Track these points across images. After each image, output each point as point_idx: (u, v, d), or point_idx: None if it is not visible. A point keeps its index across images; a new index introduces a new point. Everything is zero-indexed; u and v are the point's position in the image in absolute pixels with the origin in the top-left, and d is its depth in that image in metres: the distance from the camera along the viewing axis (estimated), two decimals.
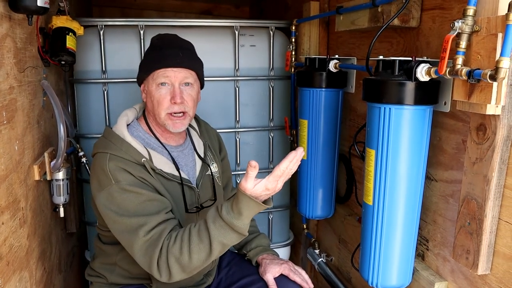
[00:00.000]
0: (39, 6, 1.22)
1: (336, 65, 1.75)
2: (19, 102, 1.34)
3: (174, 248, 1.26)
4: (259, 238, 1.71)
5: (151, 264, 1.28)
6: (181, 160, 1.52)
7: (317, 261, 2.18)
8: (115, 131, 1.42)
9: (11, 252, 1.22)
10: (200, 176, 1.56)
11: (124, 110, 1.51)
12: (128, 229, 1.30)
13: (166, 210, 1.36)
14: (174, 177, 1.46)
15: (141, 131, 1.48)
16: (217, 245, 1.25)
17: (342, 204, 2.01)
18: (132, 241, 1.30)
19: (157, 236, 1.29)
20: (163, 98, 1.41)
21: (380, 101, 1.24)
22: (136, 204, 1.31)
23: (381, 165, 1.28)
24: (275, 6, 2.92)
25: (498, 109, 1.03)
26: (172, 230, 1.32)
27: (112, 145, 1.38)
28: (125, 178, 1.33)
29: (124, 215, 1.31)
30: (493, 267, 1.14)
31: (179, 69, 1.42)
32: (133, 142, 1.40)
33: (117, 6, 3.31)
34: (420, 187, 1.31)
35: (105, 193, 1.32)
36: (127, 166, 1.35)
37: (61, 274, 1.83)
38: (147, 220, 1.30)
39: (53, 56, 1.62)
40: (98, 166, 1.36)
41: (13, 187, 1.26)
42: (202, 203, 1.55)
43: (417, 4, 1.39)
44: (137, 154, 1.38)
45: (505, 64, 0.93)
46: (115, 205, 1.31)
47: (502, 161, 1.07)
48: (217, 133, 1.78)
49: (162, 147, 1.48)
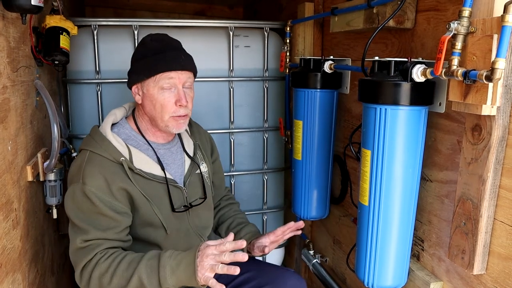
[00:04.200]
0: (33, 5, 1.21)
1: (331, 66, 1.75)
2: (12, 102, 1.32)
3: (103, 264, 1.30)
4: (247, 227, 1.71)
5: (76, 268, 1.33)
6: (167, 158, 1.51)
7: (312, 262, 2.18)
8: (100, 130, 1.44)
9: (4, 254, 1.20)
10: (188, 174, 1.55)
11: (113, 109, 1.52)
12: (74, 229, 1.35)
13: (116, 229, 1.35)
14: (155, 177, 1.45)
15: (127, 128, 1.48)
16: (135, 281, 1.27)
17: (337, 205, 2.02)
18: (72, 241, 1.35)
19: (91, 247, 1.32)
20: (167, 102, 1.40)
21: (375, 102, 1.25)
22: (89, 212, 1.34)
23: (376, 166, 1.28)
24: (269, 7, 2.92)
25: (493, 110, 1.04)
26: (111, 248, 1.34)
27: (94, 142, 1.41)
28: (92, 183, 1.33)
29: (76, 214, 1.34)
30: (489, 267, 1.15)
31: (181, 72, 1.42)
32: (114, 140, 1.41)
33: (110, 6, 3.28)
34: (415, 187, 1.32)
35: (71, 188, 1.36)
36: (103, 167, 1.36)
37: (54, 276, 1.81)
38: (91, 231, 1.32)
39: (47, 56, 1.60)
40: (77, 162, 1.41)
41: (6, 188, 1.25)
42: (191, 202, 1.54)
43: (412, 5, 1.39)
44: (116, 153, 1.39)
45: (500, 65, 0.94)
46: (74, 203, 1.35)
47: (497, 161, 1.08)
48: (209, 136, 1.78)
49: (148, 145, 1.47)
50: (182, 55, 1.44)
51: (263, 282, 1.57)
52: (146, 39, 1.47)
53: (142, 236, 1.45)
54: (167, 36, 1.50)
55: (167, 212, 1.47)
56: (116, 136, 1.43)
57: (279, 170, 2.36)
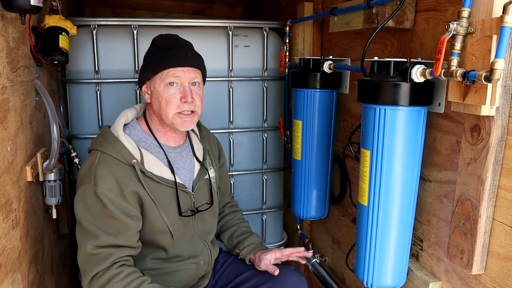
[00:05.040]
0: (32, 5, 1.21)
1: (330, 66, 1.75)
2: (12, 102, 1.32)
3: (117, 285, 1.29)
4: (251, 237, 1.71)
5: (85, 276, 1.33)
6: (177, 162, 1.51)
7: (311, 261, 2.18)
8: (112, 130, 1.42)
9: (3, 254, 1.20)
10: (197, 179, 1.55)
11: (124, 110, 1.50)
12: (83, 232, 1.33)
13: (127, 234, 1.34)
14: (165, 180, 1.44)
15: (139, 130, 1.47)
16: None
17: (336, 204, 2.02)
18: (81, 245, 1.34)
19: (103, 256, 1.31)
20: (172, 98, 1.40)
21: (375, 102, 1.25)
22: (99, 215, 1.32)
23: (376, 166, 1.28)
24: (269, 6, 2.92)
25: (492, 110, 1.04)
26: (126, 263, 1.34)
27: (105, 143, 1.39)
28: (104, 185, 1.32)
29: (87, 218, 1.32)
30: (487, 267, 1.15)
31: (188, 69, 1.42)
32: (126, 142, 1.39)
33: (109, 6, 3.28)
34: (414, 187, 1.32)
35: (82, 189, 1.34)
36: (115, 169, 1.35)
37: (54, 276, 1.81)
38: (101, 235, 1.31)
39: (46, 56, 1.60)
40: (87, 162, 1.39)
41: (6, 188, 1.25)
42: (198, 207, 1.54)
43: (412, 5, 1.40)
44: (128, 155, 1.38)
45: (499, 65, 0.94)
46: (85, 204, 1.33)
47: (496, 161, 1.08)
48: (217, 141, 1.78)
49: (159, 148, 1.47)
50: (189, 52, 1.45)
51: (263, 280, 1.57)
52: (156, 39, 1.48)
53: (148, 240, 1.45)
54: (177, 36, 1.50)
55: (174, 216, 1.46)
56: (128, 137, 1.42)
57: (279, 170, 2.36)
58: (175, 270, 1.51)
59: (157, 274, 1.48)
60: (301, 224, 2.36)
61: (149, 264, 1.48)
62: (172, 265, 1.51)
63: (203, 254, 1.57)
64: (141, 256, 1.45)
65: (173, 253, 1.49)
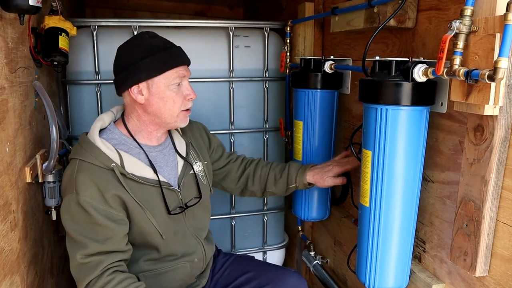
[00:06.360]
0: (31, 5, 1.20)
1: (331, 66, 1.74)
2: (11, 103, 1.31)
3: None
4: (291, 166, 1.72)
5: (79, 285, 1.32)
6: (159, 161, 1.49)
7: (313, 263, 2.17)
8: (88, 137, 1.41)
9: (1, 256, 1.19)
10: (182, 175, 1.54)
11: (100, 115, 1.50)
12: (72, 243, 1.34)
13: (114, 239, 1.34)
14: (148, 180, 1.43)
15: (117, 133, 1.45)
16: None
17: (338, 206, 2.01)
18: (71, 255, 1.34)
19: (93, 264, 1.30)
20: (180, 96, 1.41)
21: (376, 102, 1.24)
22: (85, 223, 1.32)
23: (377, 167, 1.27)
24: (269, 7, 2.91)
25: (496, 110, 1.03)
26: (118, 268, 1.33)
27: (83, 150, 1.38)
28: (85, 193, 1.31)
29: (73, 228, 1.32)
30: (491, 269, 1.14)
31: (186, 67, 1.45)
32: (103, 146, 1.38)
33: (110, 7, 3.28)
34: (417, 188, 1.30)
35: (66, 199, 1.34)
36: (95, 175, 1.34)
37: (53, 278, 1.80)
38: (89, 244, 1.31)
39: (46, 57, 1.59)
40: (68, 172, 1.38)
41: (4, 190, 1.24)
42: (187, 203, 1.53)
43: (413, 4, 1.38)
44: (106, 159, 1.36)
45: (503, 64, 0.92)
46: (70, 214, 1.33)
47: (500, 162, 1.07)
48: (202, 126, 1.75)
49: (139, 148, 1.45)
50: (182, 50, 1.47)
51: (264, 282, 1.56)
52: (143, 38, 1.42)
53: (139, 242, 1.44)
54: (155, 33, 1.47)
55: (162, 215, 1.45)
56: (105, 141, 1.40)
57: None
58: (170, 269, 1.50)
59: (152, 275, 1.47)
60: (302, 226, 2.35)
61: (142, 266, 1.47)
62: (166, 264, 1.50)
63: (197, 251, 1.56)
64: (134, 258, 1.45)
65: (166, 252, 1.48)
